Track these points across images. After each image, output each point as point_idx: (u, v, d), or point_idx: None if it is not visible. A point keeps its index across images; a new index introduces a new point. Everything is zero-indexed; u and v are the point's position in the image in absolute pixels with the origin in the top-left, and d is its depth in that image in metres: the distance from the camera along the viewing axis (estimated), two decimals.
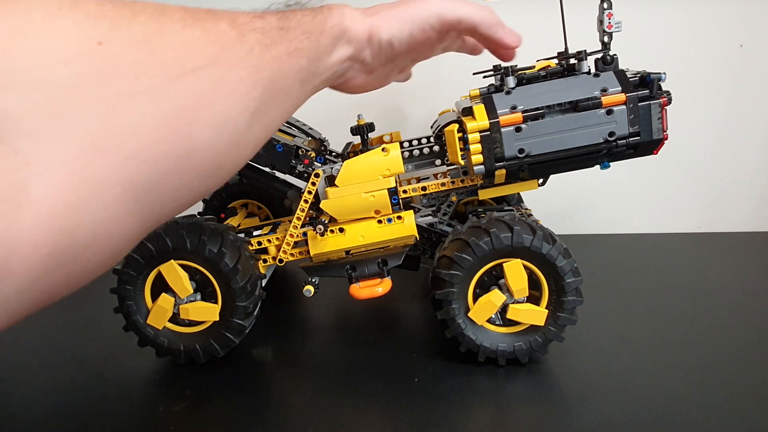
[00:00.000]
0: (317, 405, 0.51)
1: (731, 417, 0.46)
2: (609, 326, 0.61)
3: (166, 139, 0.25)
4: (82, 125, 0.22)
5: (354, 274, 0.55)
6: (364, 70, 0.43)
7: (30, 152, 0.20)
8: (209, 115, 0.27)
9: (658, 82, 0.48)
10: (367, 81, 0.45)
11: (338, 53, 0.39)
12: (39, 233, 0.21)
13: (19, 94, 0.20)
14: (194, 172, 0.27)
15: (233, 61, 0.28)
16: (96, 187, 0.22)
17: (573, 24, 0.53)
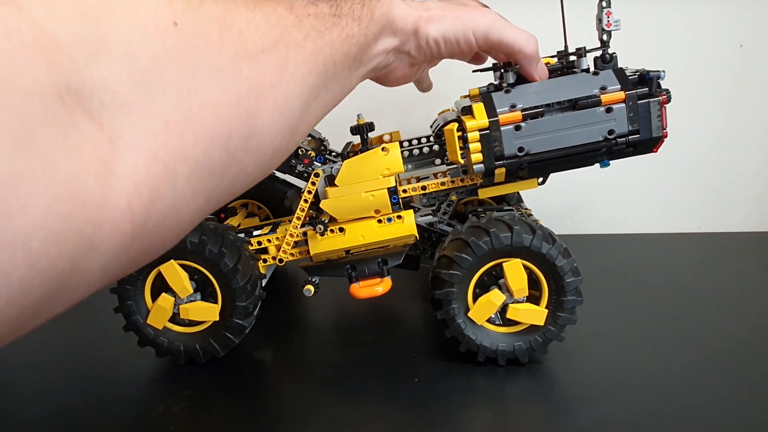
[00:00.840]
0: (317, 405, 0.51)
1: (731, 417, 0.46)
2: (609, 326, 0.61)
3: (236, 120, 0.25)
4: (164, 101, 0.22)
5: (354, 274, 0.55)
6: (407, 63, 0.44)
7: (116, 126, 0.20)
8: (272, 98, 0.27)
9: (658, 80, 0.48)
10: (407, 74, 0.46)
11: (384, 43, 0.39)
12: (122, 209, 0.20)
13: (113, 66, 0.20)
14: (254, 156, 0.27)
15: (292, 45, 0.29)
16: (174, 164, 0.22)
17: (572, 23, 0.53)
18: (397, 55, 0.42)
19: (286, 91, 0.28)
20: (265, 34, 0.27)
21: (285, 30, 0.28)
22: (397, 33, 0.40)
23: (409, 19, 0.41)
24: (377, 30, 0.37)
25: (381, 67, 0.41)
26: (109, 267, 0.21)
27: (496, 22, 0.43)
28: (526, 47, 0.45)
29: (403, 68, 0.45)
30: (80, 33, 0.20)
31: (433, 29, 0.42)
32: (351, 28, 0.34)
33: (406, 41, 0.42)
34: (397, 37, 0.40)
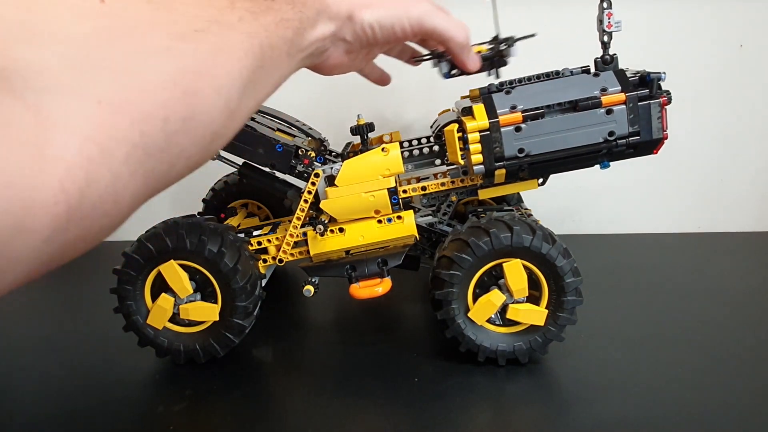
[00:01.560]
0: (317, 405, 0.51)
1: (731, 416, 0.46)
2: (609, 326, 0.61)
3: (173, 101, 0.25)
4: (97, 82, 0.22)
5: (354, 274, 0.55)
6: (343, 50, 0.45)
7: (49, 107, 0.20)
8: (210, 79, 0.27)
9: (658, 81, 0.48)
10: (343, 62, 0.46)
11: (321, 29, 0.39)
12: (56, 190, 0.20)
13: (41, 48, 0.20)
14: (193, 138, 0.27)
15: (227, 27, 0.28)
16: (109, 145, 0.22)
17: (572, 23, 0.53)
18: (334, 42, 0.42)
19: (224, 72, 0.28)
20: (198, 14, 0.27)
21: (218, 11, 0.28)
22: (332, 18, 0.40)
23: (342, 4, 0.41)
24: (312, 15, 0.37)
25: (317, 53, 0.41)
26: (43, 251, 0.21)
27: (430, 10, 0.44)
28: (457, 35, 0.46)
29: (339, 56, 0.45)
30: (5, 16, 0.20)
31: (369, 14, 0.42)
32: (285, 12, 0.34)
33: (342, 27, 0.42)
34: (333, 22, 0.40)
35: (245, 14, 0.30)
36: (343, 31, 0.42)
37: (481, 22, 0.52)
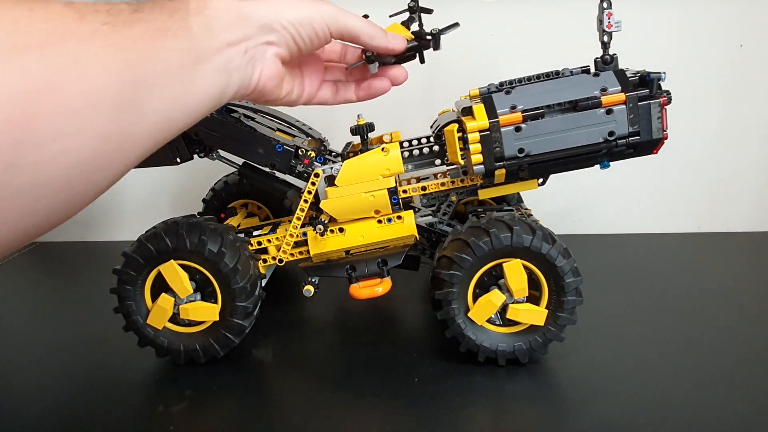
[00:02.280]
0: (317, 405, 0.51)
1: (731, 416, 0.46)
2: (609, 326, 0.61)
3: (2, 127, 0.22)
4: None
5: (354, 274, 0.55)
6: (274, 57, 0.40)
7: None
8: (55, 100, 0.24)
9: (658, 81, 0.48)
10: (280, 73, 0.42)
11: (225, 35, 0.35)
12: None
13: None
14: (44, 168, 0.24)
15: (74, 41, 0.25)
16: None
17: (572, 23, 0.53)
18: (256, 49, 0.38)
19: (77, 92, 0.25)
20: (32, 29, 0.23)
21: (62, 24, 0.25)
22: (239, 23, 0.37)
23: (251, 8, 0.38)
24: (204, 21, 0.34)
25: (239, 65, 0.37)
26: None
27: (338, 9, 0.43)
28: (367, 26, 0.45)
29: (273, 67, 0.40)
30: None
31: (285, 14, 0.40)
32: (161, 22, 0.31)
33: (259, 31, 0.38)
34: (241, 27, 0.37)
35: (100, 27, 0.27)
36: (262, 35, 0.38)
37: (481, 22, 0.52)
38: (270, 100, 0.43)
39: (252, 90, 0.40)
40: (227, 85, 0.36)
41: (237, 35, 0.36)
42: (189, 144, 0.60)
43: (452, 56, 0.54)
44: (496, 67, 0.82)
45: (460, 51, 0.73)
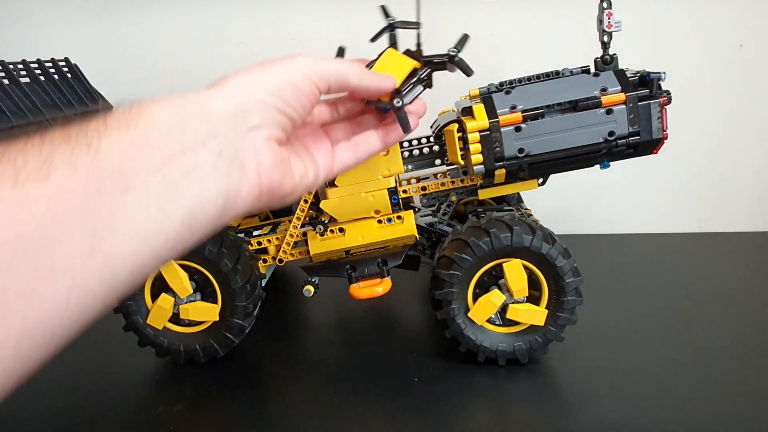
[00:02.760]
0: (317, 405, 0.51)
1: (731, 416, 0.46)
2: (609, 326, 0.61)
3: None
4: None
5: (354, 274, 0.55)
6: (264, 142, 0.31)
7: None
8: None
9: (658, 81, 0.48)
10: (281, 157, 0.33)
11: (169, 144, 0.26)
12: None
13: None
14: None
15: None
16: None
17: (572, 23, 0.53)
18: (239, 143, 0.30)
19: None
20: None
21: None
22: (188, 124, 0.27)
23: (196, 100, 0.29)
24: (130, 137, 0.25)
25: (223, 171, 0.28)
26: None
27: (314, 56, 0.36)
28: (350, 67, 0.37)
29: (272, 154, 0.31)
30: None
31: (258, 84, 0.32)
32: (46, 157, 0.22)
33: (230, 122, 0.29)
34: (198, 125, 0.28)
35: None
36: (239, 123, 0.30)
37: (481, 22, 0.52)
38: (286, 194, 0.33)
39: (258, 193, 0.31)
40: (197, 205, 0.27)
41: (194, 137, 0.27)
42: None
43: None
44: (496, 67, 0.82)
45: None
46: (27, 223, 0.20)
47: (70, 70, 0.72)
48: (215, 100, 0.30)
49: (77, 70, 0.73)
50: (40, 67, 0.67)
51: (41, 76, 0.67)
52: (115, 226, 0.23)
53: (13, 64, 0.63)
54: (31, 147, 0.22)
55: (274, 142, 0.32)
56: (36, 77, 0.66)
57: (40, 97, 0.64)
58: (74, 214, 0.22)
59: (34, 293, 0.21)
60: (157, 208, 0.25)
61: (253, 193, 0.31)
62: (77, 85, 0.72)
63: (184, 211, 0.26)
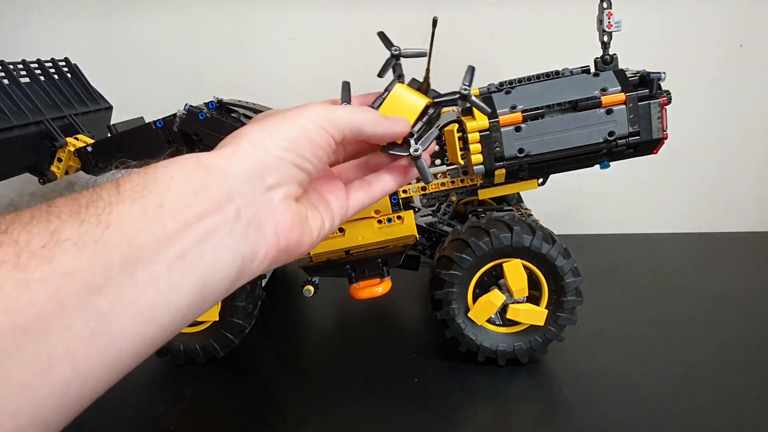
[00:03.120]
0: (317, 405, 0.51)
1: (731, 416, 0.46)
2: (609, 326, 0.61)
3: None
4: None
5: (354, 274, 0.55)
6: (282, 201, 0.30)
7: None
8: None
9: (658, 81, 0.48)
10: (300, 214, 0.32)
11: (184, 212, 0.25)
12: None
13: None
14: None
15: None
16: None
17: (572, 23, 0.53)
18: (257, 204, 0.29)
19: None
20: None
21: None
22: (204, 188, 0.26)
23: (212, 162, 0.28)
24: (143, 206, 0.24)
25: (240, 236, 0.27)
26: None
27: (325, 105, 0.34)
28: (363, 114, 0.35)
29: (290, 213, 0.31)
30: None
31: (273, 140, 0.30)
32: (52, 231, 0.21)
33: (248, 183, 0.28)
34: (216, 188, 0.27)
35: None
36: (257, 183, 0.29)
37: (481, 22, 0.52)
38: (304, 251, 0.33)
39: (275, 253, 0.30)
40: (211, 273, 0.26)
41: (210, 202, 0.26)
42: (189, 144, 0.60)
43: (452, 56, 0.54)
44: (496, 67, 0.82)
45: (460, 51, 0.73)
46: (25, 310, 0.19)
47: (70, 70, 0.73)
48: (233, 161, 0.28)
49: (77, 70, 0.73)
50: (40, 67, 0.67)
51: (41, 76, 0.67)
52: (122, 305, 0.22)
53: (13, 64, 0.63)
54: (38, 221, 0.21)
55: (292, 200, 0.31)
56: (36, 77, 0.66)
57: (40, 97, 0.64)
58: (78, 297, 0.20)
59: (29, 387, 0.19)
60: (168, 280, 0.24)
61: (271, 254, 0.30)
62: (77, 85, 0.72)
63: (197, 281, 0.25)
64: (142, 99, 0.81)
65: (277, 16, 0.87)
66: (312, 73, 0.87)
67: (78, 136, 0.63)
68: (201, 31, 0.89)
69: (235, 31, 0.88)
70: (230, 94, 0.67)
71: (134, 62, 0.90)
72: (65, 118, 0.66)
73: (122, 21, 0.89)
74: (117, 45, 0.90)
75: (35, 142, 0.60)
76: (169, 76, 0.90)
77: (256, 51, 0.88)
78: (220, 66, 0.89)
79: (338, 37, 0.87)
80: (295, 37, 0.87)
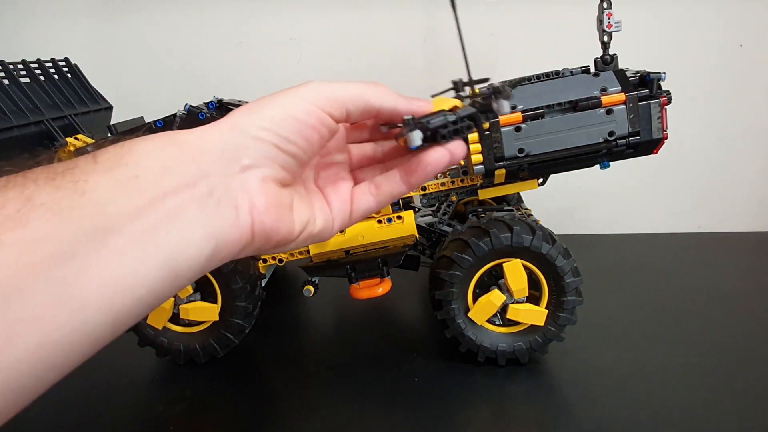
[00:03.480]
0: (317, 405, 0.51)
1: (731, 416, 0.46)
2: (609, 326, 0.61)
3: None
4: None
5: (354, 274, 0.55)
6: (260, 183, 0.28)
7: None
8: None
9: (658, 81, 0.48)
10: (279, 200, 0.29)
11: (153, 188, 0.25)
12: None
13: None
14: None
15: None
16: None
17: (572, 23, 0.53)
18: (230, 183, 0.27)
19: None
20: None
21: None
22: (176, 164, 0.26)
23: (184, 138, 0.27)
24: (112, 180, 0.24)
25: (210, 213, 0.26)
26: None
27: (326, 82, 0.31)
28: (369, 86, 0.32)
29: (267, 195, 0.29)
30: None
31: (253, 118, 0.29)
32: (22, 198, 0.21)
33: (222, 161, 0.27)
34: (187, 165, 0.26)
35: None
36: (231, 163, 0.28)
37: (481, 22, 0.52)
38: (282, 240, 0.30)
39: (249, 237, 0.28)
40: (180, 250, 0.25)
41: (181, 178, 0.26)
42: None
43: (452, 56, 0.54)
44: (496, 67, 0.82)
45: (460, 51, 0.73)
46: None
47: (70, 70, 0.73)
48: (207, 139, 0.28)
49: (77, 70, 0.73)
50: (40, 67, 0.67)
51: (41, 76, 0.67)
52: (88, 274, 0.22)
53: (13, 64, 0.63)
54: (13, 186, 0.21)
55: (271, 182, 0.29)
56: (36, 77, 0.66)
57: (40, 97, 0.64)
58: (48, 263, 0.21)
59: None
60: (134, 254, 0.23)
61: (245, 237, 0.28)
62: (77, 85, 0.72)
63: (164, 257, 0.24)
64: (142, 99, 0.81)
65: (277, 16, 0.87)
66: (312, 73, 0.87)
67: (78, 136, 0.63)
68: (201, 31, 0.89)
69: (235, 31, 0.88)
70: (230, 94, 0.67)
71: (134, 62, 0.90)
72: (65, 118, 0.66)
73: (122, 21, 0.89)
74: (117, 45, 0.90)
75: (35, 142, 0.61)
76: (169, 76, 0.90)
77: (256, 51, 0.88)
78: (220, 66, 0.89)
79: (338, 37, 0.87)
80: (295, 37, 0.87)
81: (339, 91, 0.31)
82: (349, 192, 0.34)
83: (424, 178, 0.33)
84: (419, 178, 0.33)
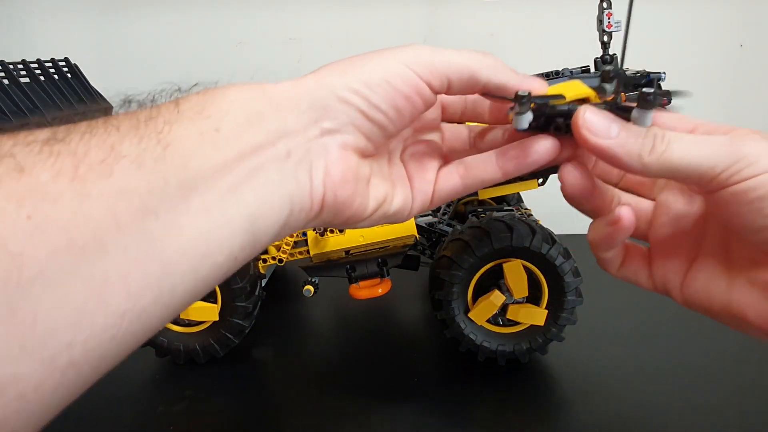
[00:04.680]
0: (317, 405, 0.51)
1: (731, 416, 0.46)
2: (609, 326, 0.61)
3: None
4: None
5: (354, 274, 0.55)
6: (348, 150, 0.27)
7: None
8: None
9: (658, 81, 0.48)
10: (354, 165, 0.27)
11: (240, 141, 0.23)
12: None
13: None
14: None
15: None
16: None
17: (572, 23, 0.53)
18: (311, 146, 0.25)
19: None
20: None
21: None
22: (261, 118, 0.24)
23: (273, 91, 0.25)
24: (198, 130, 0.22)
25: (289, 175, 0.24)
26: None
27: (431, 48, 0.28)
28: (478, 57, 0.29)
29: (344, 163, 0.26)
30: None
31: (345, 78, 0.26)
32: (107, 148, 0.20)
33: (306, 119, 0.25)
34: (272, 119, 0.24)
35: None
36: (313, 124, 0.25)
37: (481, 22, 0.52)
38: (352, 217, 0.28)
39: (320, 208, 0.26)
40: (259, 213, 0.24)
41: (265, 134, 0.24)
42: None
43: None
44: None
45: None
46: (83, 226, 0.18)
47: (70, 70, 0.73)
48: (292, 95, 0.25)
49: (77, 70, 0.73)
50: (40, 67, 0.67)
51: (41, 76, 0.67)
52: (174, 233, 0.20)
53: (13, 64, 0.63)
54: (96, 132, 0.20)
55: (351, 151, 0.27)
56: (36, 77, 0.66)
57: (40, 97, 0.64)
58: (135, 217, 0.19)
59: (84, 313, 0.18)
60: (221, 212, 0.22)
61: (315, 208, 0.26)
62: (77, 85, 0.72)
63: (247, 219, 0.23)
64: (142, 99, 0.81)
65: (277, 15, 0.87)
66: None
67: None
68: (200, 30, 0.89)
69: (235, 31, 0.88)
70: None
71: (134, 62, 0.90)
72: (65, 118, 0.66)
73: (122, 21, 0.89)
74: (117, 45, 0.90)
75: None
76: (169, 76, 0.90)
77: (256, 51, 0.88)
78: (220, 66, 0.89)
79: (338, 37, 0.87)
80: (295, 37, 0.87)
81: (443, 58, 0.27)
82: (435, 172, 0.31)
83: (524, 167, 0.29)
84: (518, 165, 0.29)
